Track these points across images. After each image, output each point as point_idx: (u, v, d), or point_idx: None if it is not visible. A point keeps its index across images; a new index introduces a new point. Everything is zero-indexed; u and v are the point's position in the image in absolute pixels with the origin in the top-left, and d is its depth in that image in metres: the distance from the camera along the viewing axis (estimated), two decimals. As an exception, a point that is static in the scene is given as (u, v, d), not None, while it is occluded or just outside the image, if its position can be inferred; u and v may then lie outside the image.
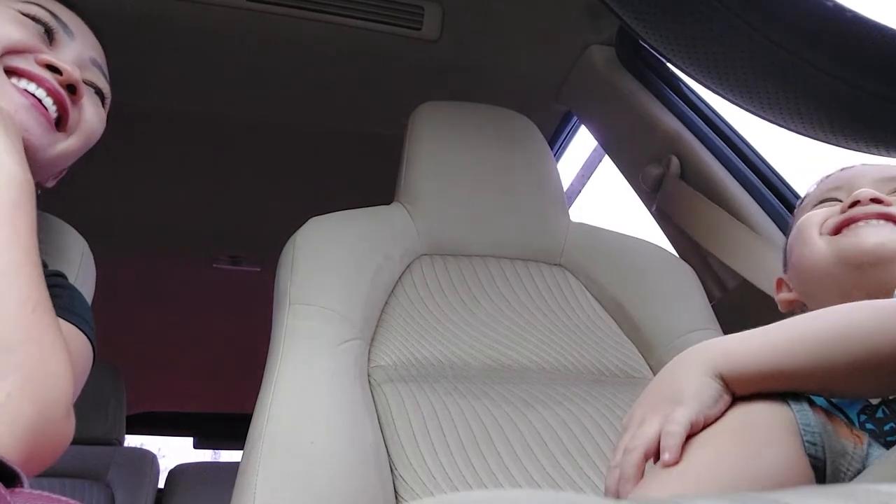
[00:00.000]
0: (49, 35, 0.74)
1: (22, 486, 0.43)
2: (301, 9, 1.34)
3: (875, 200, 0.71)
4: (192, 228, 2.05)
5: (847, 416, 0.62)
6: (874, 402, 0.60)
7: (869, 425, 0.61)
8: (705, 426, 0.53)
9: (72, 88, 0.72)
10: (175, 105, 1.59)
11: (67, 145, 0.74)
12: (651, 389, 0.59)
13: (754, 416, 0.54)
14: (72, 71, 0.71)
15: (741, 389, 0.55)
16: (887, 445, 0.59)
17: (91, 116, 0.76)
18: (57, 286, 0.69)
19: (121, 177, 1.81)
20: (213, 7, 1.32)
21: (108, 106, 0.82)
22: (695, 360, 0.57)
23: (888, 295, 0.67)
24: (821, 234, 0.75)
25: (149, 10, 1.32)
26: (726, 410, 0.54)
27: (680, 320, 1.06)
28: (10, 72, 0.68)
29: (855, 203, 0.72)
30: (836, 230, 0.73)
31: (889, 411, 0.60)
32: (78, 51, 0.76)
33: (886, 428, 0.60)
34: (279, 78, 1.52)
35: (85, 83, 0.76)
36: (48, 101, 0.70)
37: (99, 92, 0.79)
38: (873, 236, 0.69)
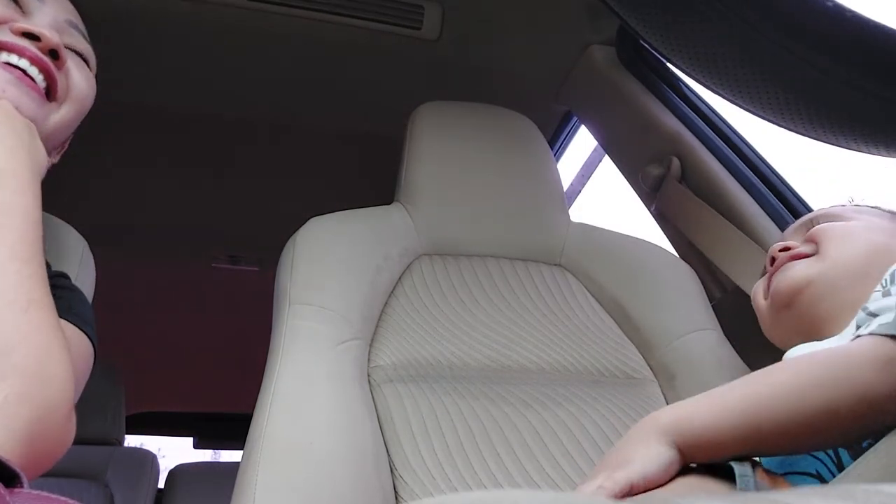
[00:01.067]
0: (18, 3, 0.69)
1: (22, 487, 0.43)
2: (300, 8, 1.34)
3: (784, 249, 0.81)
4: (192, 228, 2.05)
5: None
6: None
7: None
8: (647, 490, 0.54)
9: (54, 54, 0.68)
10: (174, 104, 1.59)
11: (62, 115, 0.71)
12: (607, 454, 0.60)
13: (679, 484, 0.55)
14: (50, 35, 0.67)
15: (697, 458, 0.56)
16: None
17: (79, 80, 0.72)
18: (58, 287, 0.67)
19: (120, 176, 1.81)
20: (212, 6, 1.32)
21: (94, 68, 0.78)
22: (651, 427, 0.58)
23: (830, 317, 0.73)
24: (764, 298, 0.85)
25: (148, 8, 1.32)
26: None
27: (680, 320, 1.06)
28: None
29: (773, 259, 0.83)
30: (767, 289, 0.84)
31: None
32: (52, 14, 0.72)
33: (864, 445, 0.60)
34: (278, 77, 1.52)
35: (66, 48, 0.71)
36: (34, 71, 0.66)
37: (81, 55, 0.75)
38: (784, 276, 0.79)
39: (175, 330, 2.62)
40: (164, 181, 1.85)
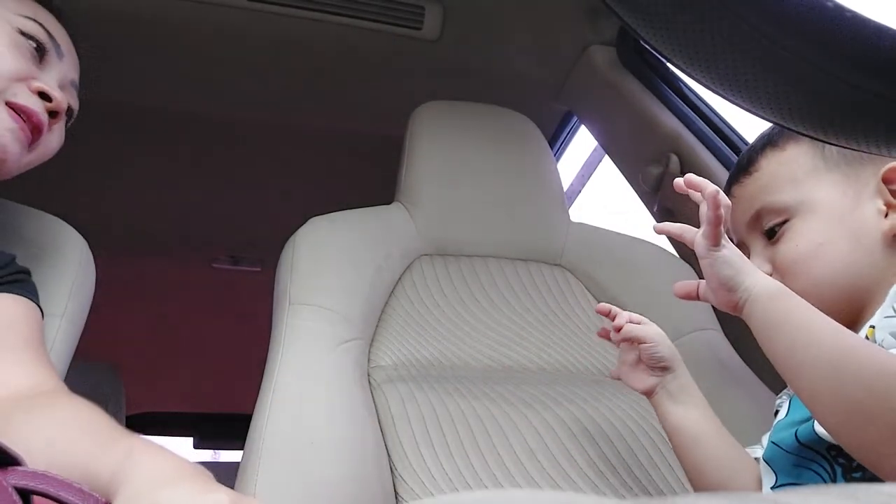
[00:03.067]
0: (41, 53, 0.76)
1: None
2: (301, 8, 1.34)
3: None
4: (192, 228, 2.05)
5: (818, 453, 0.62)
6: (836, 441, 0.60)
7: (841, 459, 0.61)
8: None
9: (52, 113, 0.75)
10: (175, 105, 1.59)
11: (28, 161, 0.76)
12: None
13: None
14: (61, 101, 0.75)
15: None
16: (852, 481, 0.60)
17: (54, 138, 0.78)
18: (20, 272, 0.75)
19: (121, 177, 1.81)
20: (213, 7, 1.32)
21: (72, 120, 0.84)
22: None
23: None
24: None
25: (150, 10, 1.32)
26: None
27: (680, 320, 1.06)
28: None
29: None
30: None
31: None
32: (64, 72, 0.79)
33: (854, 464, 0.60)
34: (279, 77, 1.52)
35: None
36: (29, 126, 0.73)
37: (70, 110, 0.81)
38: None
39: (175, 330, 2.62)
40: (164, 182, 1.85)
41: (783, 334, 0.58)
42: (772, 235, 0.71)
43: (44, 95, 0.73)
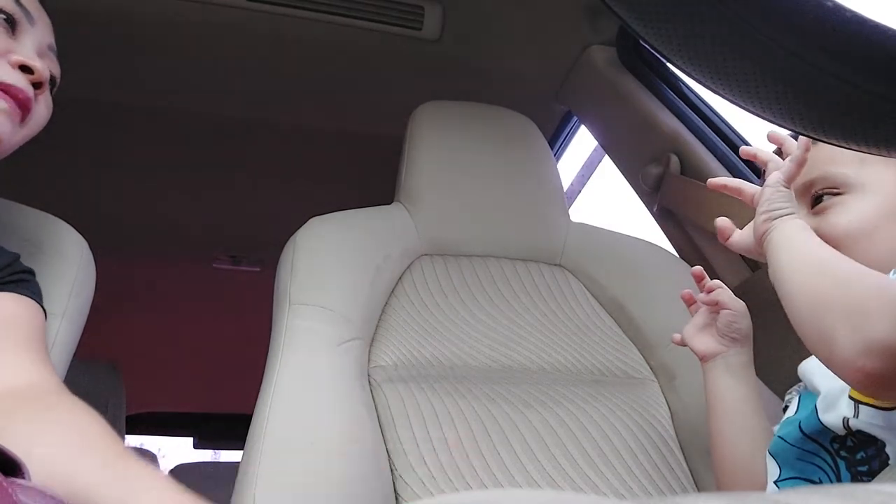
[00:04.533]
0: (12, 24, 0.74)
1: (23, 476, 0.43)
2: (301, 8, 1.34)
3: None
4: (192, 228, 2.05)
5: (822, 446, 0.62)
6: (840, 432, 0.60)
7: (843, 453, 0.61)
8: None
9: (36, 84, 0.74)
10: (175, 105, 1.59)
11: (21, 138, 0.75)
12: None
13: None
14: (42, 70, 0.73)
15: None
16: (857, 474, 0.60)
17: (42, 109, 0.77)
18: (25, 272, 0.75)
19: (121, 177, 1.81)
20: (212, 6, 1.32)
21: (58, 84, 0.82)
22: None
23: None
24: None
25: (149, 9, 1.32)
26: None
27: (681, 320, 1.06)
28: None
29: None
30: None
31: (856, 441, 0.60)
32: (38, 38, 0.77)
33: (858, 457, 0.60)
34: (279, 77, 1.52)
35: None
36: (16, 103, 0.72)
37: (52, 79, 0.79)
38: None
39: (175, 330, 2.63)
40: (164, 182, 1.85)
41: (790, 248, 0.62)
42: (815, 204, 0.70)
43: (24, 68, 0.72)
